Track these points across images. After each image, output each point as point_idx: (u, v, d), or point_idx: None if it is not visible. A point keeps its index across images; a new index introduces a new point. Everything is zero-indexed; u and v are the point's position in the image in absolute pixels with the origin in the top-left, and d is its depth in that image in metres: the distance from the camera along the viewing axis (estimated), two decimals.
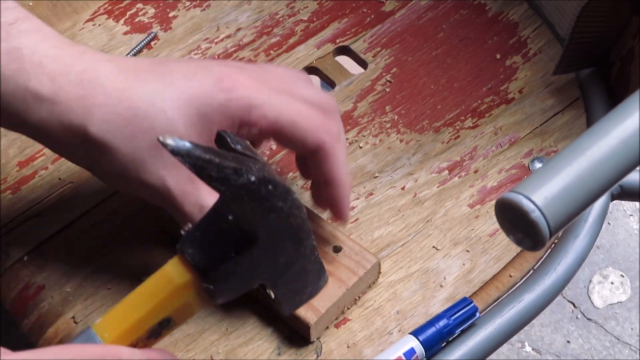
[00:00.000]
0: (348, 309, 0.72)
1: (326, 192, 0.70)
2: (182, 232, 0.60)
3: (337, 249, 0.72)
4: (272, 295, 0.64)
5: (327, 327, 0.72)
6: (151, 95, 0.64)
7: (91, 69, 0.65)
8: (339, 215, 0.71)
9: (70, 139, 0.65)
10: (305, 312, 0.69)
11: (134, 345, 0.59)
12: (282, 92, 0.67)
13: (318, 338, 0.71)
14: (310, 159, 0.69)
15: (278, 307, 0.65)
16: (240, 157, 0.60)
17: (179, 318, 0.61)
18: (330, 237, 0.72)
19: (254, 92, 0.66)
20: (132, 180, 0.65)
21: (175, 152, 0.57)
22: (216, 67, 0.67)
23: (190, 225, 0.61)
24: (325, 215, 0.74)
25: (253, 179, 0.58)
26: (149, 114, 0.64)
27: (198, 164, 0.57)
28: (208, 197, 0.65)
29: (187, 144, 0.57)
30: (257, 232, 0.60)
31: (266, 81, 0.67)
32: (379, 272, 0.73)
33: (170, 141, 0.57)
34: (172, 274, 0.60)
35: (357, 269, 0.71)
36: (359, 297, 0.73)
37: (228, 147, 0.62)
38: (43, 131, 0.65)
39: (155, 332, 0.60)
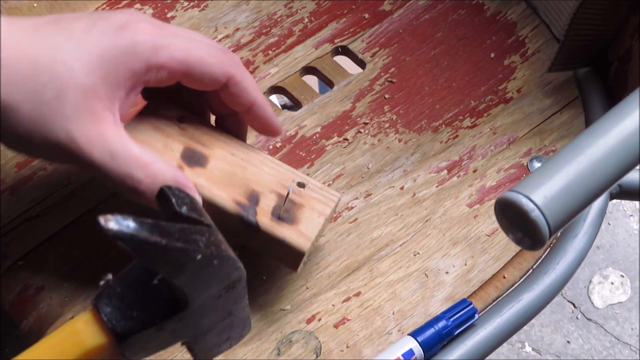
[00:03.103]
0: (318, 242, 0.72)
1: (252, 118, 0.70)
2: (101, 283, 0.55)
3: (301, 185, 0.71)
4: (190, 349, 0.60)
5: (306, 262, 0.71)
6: (50, 49, 0.63)
7: None
8: (272, 131, 0.72)
9: None
10: (298, 239, 0.68)
11: None
12: (184, 36, 0.67)
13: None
14: (225, 94, 0.69)
15: (192, 355, 0.61)
16: (186, 229, 0.56)
17: None
18: (290, 175, 0.71)
19: (158, 36, 0.65)
20: (37, 140, 0.63)
21: (118, 237, 0.51)
22: (116, 15, 0.66)
23: (110, 275, 0.56)
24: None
25: (199, 257, 0.54)
26: (47, 67, 0.62)
27: (143, 249, 0.52)
28: (116, 140, 0.63)
29: (131, 225, 0.52)
30: (191, 300, 0.55)
31: (167, 27, 0.67)
32: (335, 211, 0.73)
33: (112, 224, 0.51)
34: (84, 333, 0.54)
35: (327, 202, 0.70)
36: (324, 235, 0.73)
37: (172, 209, 0.59)
38: None
39: None
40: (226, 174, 0.69)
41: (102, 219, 0.51)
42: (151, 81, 0.65)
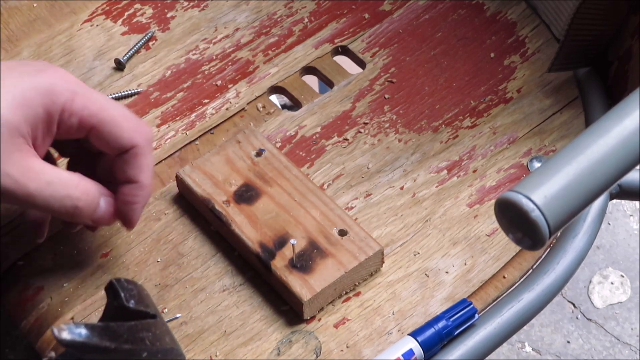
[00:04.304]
0: (346, 293, 0.73)
1: (126, 194, 0.70)
2: None
3: (343, 233, 0.73)
4: None
5: (323, 308, 0.72)
6: None
7: None
8: (129, 219, 0.71)
9: None
10: (300, 289, 0.70)
11: None
12: (103, 96, 0.69)
13: (314, 318, 0.71)
14: (119, 160, 0.69)
15: None
16: (134, 327, 0.59)
17: None
18: (338, 221, 0.74)
19: (76, 84, 0.67)
20: None
21: (71, 346, 0.55)
22: (34, 62, 0.67)
23: (53, 354, 0.60)
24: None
25: (145, 354, 0.58)
26: None
27: (94, 353, 0.56)
28: (47, 170, 0.65)
29: (83, 332, 0.55)
30: None
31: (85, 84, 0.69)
32: (382, 261, 0.74)
33: (65, 334, 0.55)
34: None
35: (359, 254, 0.72)
36: (359, 283, 0.73)
37: (120, 303, 0.62)
38: None
39: None
40: (269, 214, 0.74)
41: (55, 330, 0.54)
42: (62, 128, 0.67)
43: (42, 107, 0.65)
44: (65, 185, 0.66)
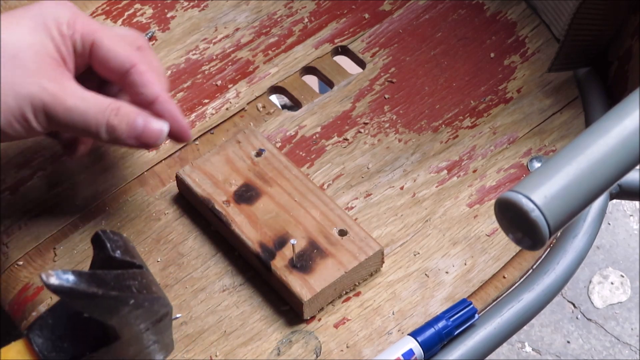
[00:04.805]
0: (346, 293, 0.73)
1: (160, 114, 0.72)
2: (33, 314, 0.60)
3: (343, 233, 0.73)
4: None
5: (323, 308, 0.72)
6: None
7: None
8: (181, 129, 0.72)
9: None
10: (300, 289, 0.70)
11: None
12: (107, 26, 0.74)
13: (314, 318, 0.71)
14: (130, 86, 0.72)
15: None
16: (120, 275, 0.60)
17: None
18: (338, 221, 0.74)
19: (75, 7, 0.71)
20: (10, 99, 0.67)
21: (58, 291, 0.56)
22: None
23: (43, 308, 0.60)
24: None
25: (132, 302, 0.59)
26: None
27: (81, 299, 0.56)
28: (80, 88, 0.69)
29: (71, 278, 0.56)
30: (120, 334, 0.60)
31: None
32: (382, 261, 0.74)
33: (53, 280, 0.55)
34: None
35: (359, 254, 0.72)
36: (359, 283, 0.73)
37: (107, 254, 0.62)
38: None
39: None
40: (269, 214, 0.74)
41: (43, 275, 0.55)
42: (73, 44, 0.70)
43: (54, 27, 0.69)
44: (99, 101, 0.69)
